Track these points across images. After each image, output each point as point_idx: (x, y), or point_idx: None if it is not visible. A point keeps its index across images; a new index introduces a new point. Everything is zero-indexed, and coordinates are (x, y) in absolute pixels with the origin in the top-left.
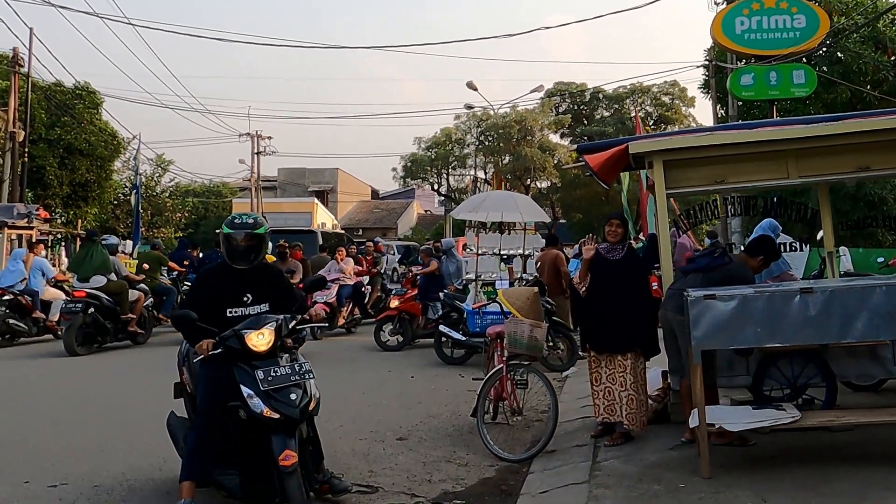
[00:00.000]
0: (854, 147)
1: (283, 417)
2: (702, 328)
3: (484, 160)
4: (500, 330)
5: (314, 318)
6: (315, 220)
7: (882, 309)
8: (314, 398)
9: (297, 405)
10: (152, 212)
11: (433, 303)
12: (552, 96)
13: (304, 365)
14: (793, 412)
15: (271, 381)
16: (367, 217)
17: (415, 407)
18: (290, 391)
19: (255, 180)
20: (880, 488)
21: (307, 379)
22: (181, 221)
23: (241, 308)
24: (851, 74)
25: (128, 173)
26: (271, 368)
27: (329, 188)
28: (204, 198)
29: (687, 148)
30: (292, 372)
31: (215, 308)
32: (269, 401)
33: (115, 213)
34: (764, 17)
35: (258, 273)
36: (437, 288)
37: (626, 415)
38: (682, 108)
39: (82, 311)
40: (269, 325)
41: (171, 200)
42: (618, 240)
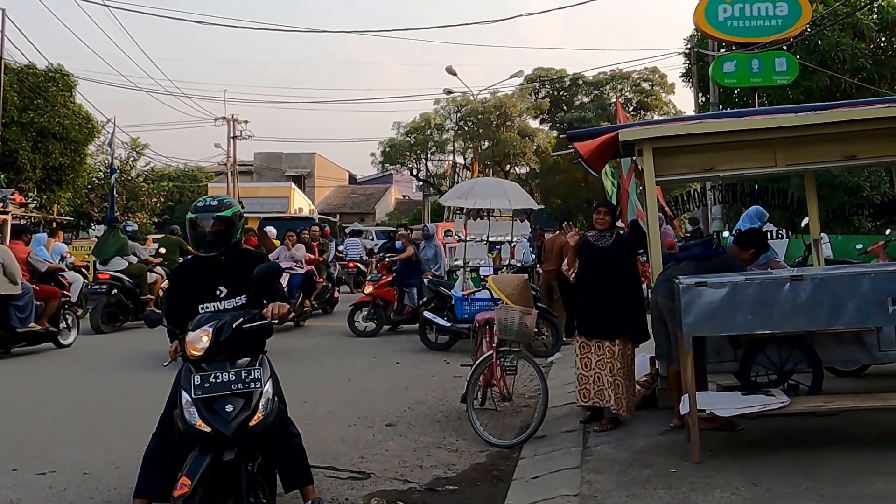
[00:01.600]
0: (841, 136)
1: (213, 432)
2: (693, 315)
3: (463, 145)
4: (489, 317)
5: (273, 315)
6: (292, 205)
7: (870, 296)
8: (262, 413)
9: (230, 419)
10: (127, 196)
11: (409, 289)
12: (532, 82)
13: (254, 371)
14: (781, 397)
15: (207, 389)
16: (345, 202)
17: (402, 393)
18: (228, 402)
19: (230, 165)
20: (867, 472)
21: (254, 388)
22: (157, 206)
23: (215, 302)
24: (830, 62)
25: (102, 157)
26: (212, 374)
27: (306, 173)
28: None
29: (676, 136)
30: (236, 379)
31: (190, 303)
32: (205, 411)
33: (90, 198)
34: (747, 4)
35: (234, 262)
36: (415, 274)
37: (613, 399)
38: (661, 95)
39: (106, 292)
40: (206, 327)
41: (147, 185)
42: (606, 227)
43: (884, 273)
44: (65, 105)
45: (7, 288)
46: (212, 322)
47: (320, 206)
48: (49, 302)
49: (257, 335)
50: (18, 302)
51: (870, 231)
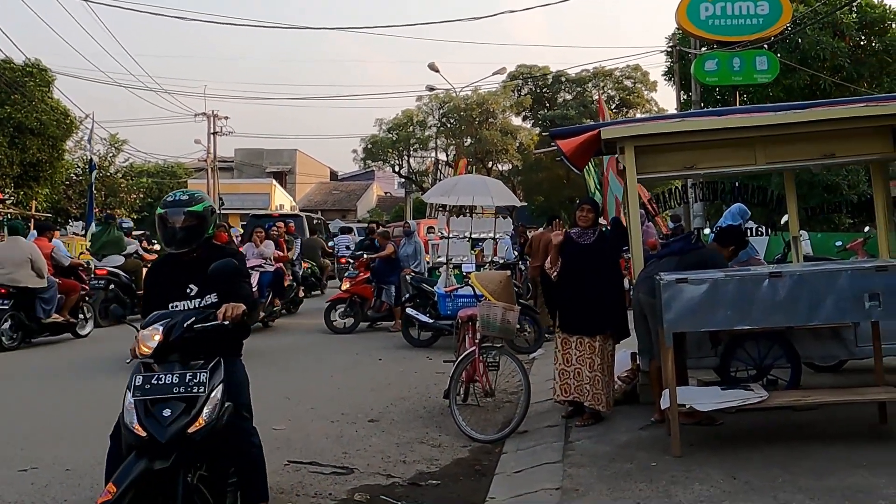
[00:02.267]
0: (820, 135)
1: (148, 437)
2: (674, 311)
3: (446, 142)
4: (471, 313)
5: (226, 316)
6: (273, 202)
7: (847, 293)
8: (204, 420)
9: (166, 424)
10: (106, 192)
11: (388, 286)
12: (515, 79)
13: (200, 375)
14: (760, 392)
15: (147, 390)
16: (326, 199)
17: (384, 389)
18: (167, 406)
19: (211, 161)
20: (845, 465)
21: (197, 393)
22: (136, 202)
23: (185, 301)
24: (810, 60)
25: (80, 153)
26: (154, 375)
27: (287, 169)
28: (158, 178)
29: (658, 134)
30: (179, 382)
31: (163, 302)
32: (143, 414)
33: (67, 194)
34: (728, 3)
35: (206, 259)
36: (393, 271)
37: (592, 395)
38: (644, 93)
39: (104, 287)
40: (158, 324)
41: (126, 181)
42: (589, 224)
43: (860, 270)
44: (42, 100)
45: (34, 281)
46: (163, 321)
47: (301, 202)
48: (70, 295)
49: (223, 336)
50: (44, 294)
51: (848, 228)
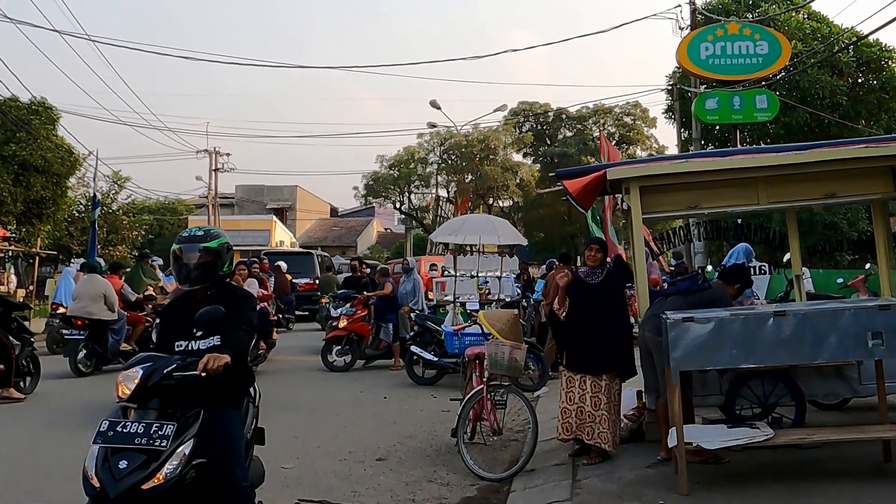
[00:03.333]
0: (821, 174)
1: (100, 489)
2: (680, 349)
3: (447, 179)
4: (478, 351)
5: (207, 367)
6: (273, 238)
7: (850, 331)
8: (163, 476)
9: (118, 477)
10: (108, 229)
11: (386, 324)
12: (516, 116)
13: (166, 427)
14: (766, 430)
15: (110, 438)
16: (326, 235)
17: (390, 427)
18: (123, 457)
19: (212, 197)
20: (851, 502)
21: (160, 446)
22: (137, 239)
23: (190, 341)
24: (809, 98)
25: (82, 190)
26: (121, 422)
27: (288, 206)
28: (159, 215)
29: (663, 175)
30: (143, 432)
31: (168, 341)
32: (101, 462)
33: (69, 231)
34: (728, 42)
35: (216, 298)
36: (392, 309)
37: (598, 433)
38: (644, 129)
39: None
40: (138, 368)
41: (128, 218)
42: (597, 264)
43: (863, 309)
44: (47, 138)
45: (107, 314)
46: (145, 364)
47: (301, 238)
48: (136, 326)
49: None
50: (114, 326)
51: (849, 265)
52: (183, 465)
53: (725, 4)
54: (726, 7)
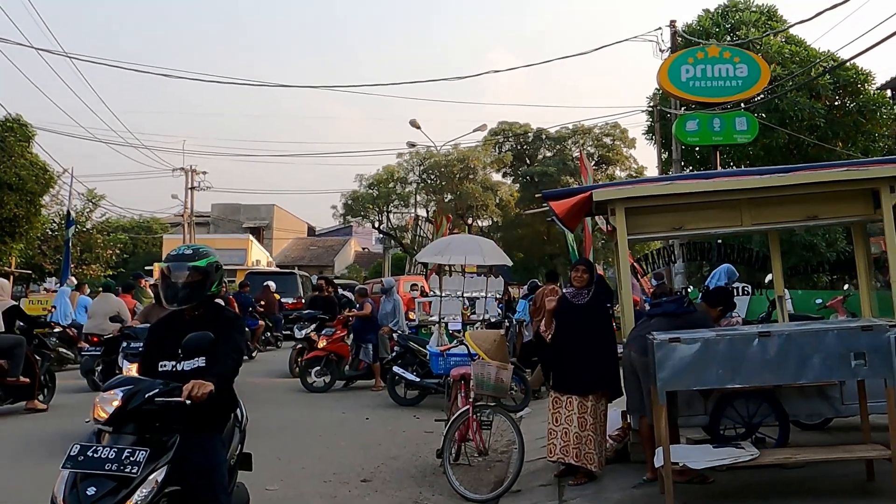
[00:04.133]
0: (804, 197)
1: None
2: (667, 370)
3: (426, 198)
4: (464, 372)
5: (191, 394)
6: (249, 258)
7: (834, 351)
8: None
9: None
10: (82, 248)
11: (366, 344)
12: (495, 136)
13: (139, 453)
14: (751, 450)
15: (79, 462)
16: (304, 254)
17: (374, 448)
18: (93, 483)
19: (188, 216)
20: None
21: (130, 473)
22: (112, 258)
23: (174, 362)
24: (788, 120)
25: (56, 208)
26: (93, 446)
27: (264, 225)
28: (133, 233)
29: (648, 196)
30: (115, 458)
31: (152, 360)
32: (69, 488)
33: (42, 249)
34: (708, 65)
35: (203, 319)
36: (371, 329)
37: (584, 454)
38: (623, 150)
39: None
40: (119, 390)
41: (102, 237)
42: (583, 284)
43: (846, 329)
44: (22, 155)
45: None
46: (126, 387)
47: (278, 258)
48: None
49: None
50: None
51: (826, 286)
52: (155, 493)
53: (706, 27)
54: (706, 30)
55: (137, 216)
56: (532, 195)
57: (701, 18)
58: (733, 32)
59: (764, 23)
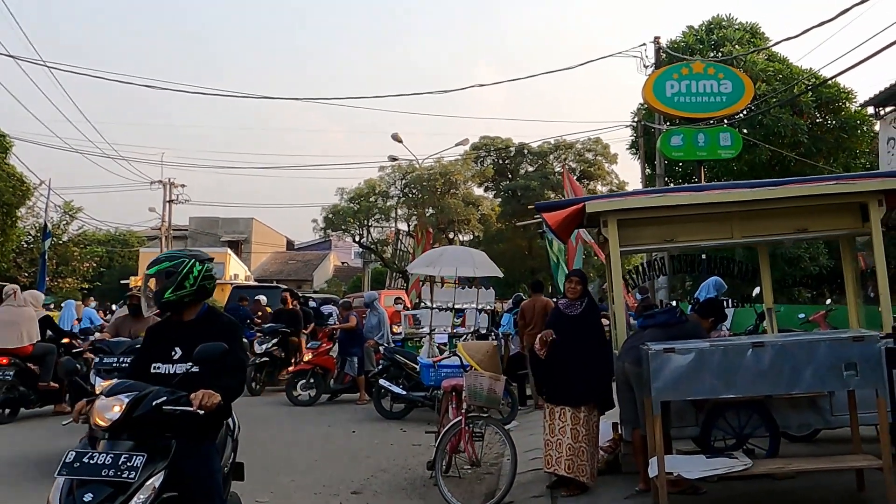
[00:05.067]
0: (793, 210)
1: None
2: (661, 380)
3: (407, 212)
4: (455, 383)
5: (202, 403)
6: (227, 272)
7: (826, 362)
8: None
9: None
10: (58, 261)
11: (351, 357)
12: (477, 150)
13: (136, 458)
14: (745, 460)
15: (75, 469)
16: (282, 268)
17: (363, 461)
18: (89, 489)
19: (165, 229)
20: None
21: (128, 478)
22: (88, 271)
23: (167, 365)
24: (772, 137)
25: (32, 220)
26: (88, 452)
27: (243, 238)
28: (109, 246)
29: (640, 208)
30: (111, 464)
31: (145, 362)
32: (65, 496)
33: (17, 262)
34: (693, 81)
35: (196, 323)
36: (356, 342)
37: (576, 466)
38: (605, 165)
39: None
40: (123, 395)
41: (79, 249)
42: (577, 296)
43: (838, 340)
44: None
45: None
46: (130, 392)
47: (256, 272)
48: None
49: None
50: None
51: (808, 301)
52: (153, 499)
53: (690, 44)
54: (691, 46)
55: (114, 229)
56: (514, 209)
57: (685, 34)
58: (717, 49)
59: (747, 40)
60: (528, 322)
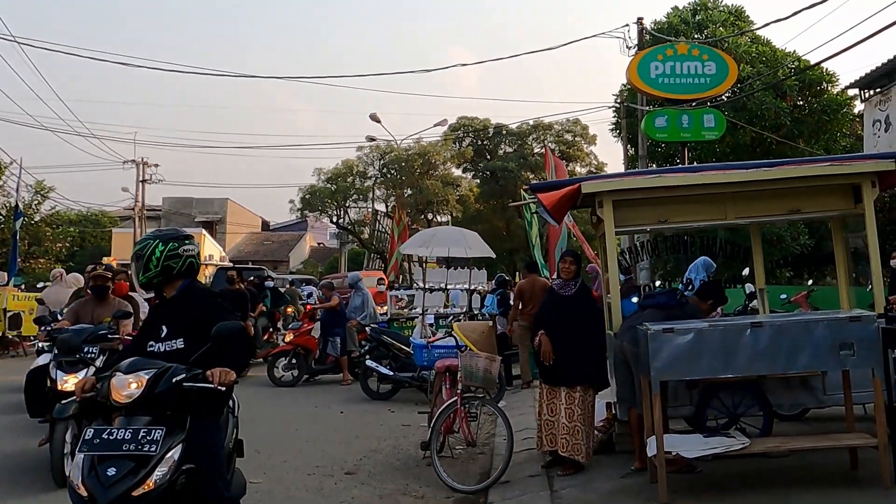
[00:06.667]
0: (787, 191)
1: (88, 498)
2: (661, 360)
3: (385, 193)
4: (449, 364)
5: (220, 381)
6: (202, 253)
7: (823, 342)
8: (153, 483)
9: (108, 484)
10: (30, 241)
11: (333, 338)
12: (456, 130)
13: (155, 432)
14: (742, 439)
15: (96, 445)
16: (257, 249)
17: (353, 442)
18: (112, 464)
19: (138, 209)
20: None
21: (149, 452)
22: (61, 251)
23: (158, 343)
24: (754, 119)
25: (2, 200)
26: (106, 429)
27: (217, 219)
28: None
29: (636, 189)
30: (131, 438)
31: (142, 343)
32: (88, 471)
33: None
34: (677, 62)
35: (176, 300)
36: (339, 323)
37: (572, 445)
38: (583, 146)
39: None
40: (143, 373)
41: (51, 230)
42: (571, 276)
43: (835, 320)
44: None
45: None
46: (147, 369)
47: (231, 253)
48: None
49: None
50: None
51: (786, 282)
52: (172, 471)
53: (674, 25)
54: (675, 27)
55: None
56: (492, 190)
57: (669, 15)
58: (701, 31)
59: (731, 22)
60: (525, 302)
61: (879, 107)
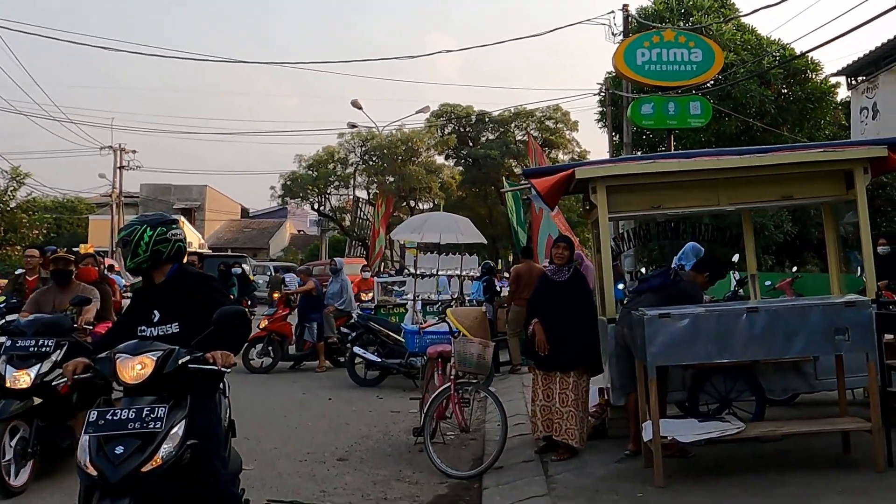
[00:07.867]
0: (780, 177)
1: (99, 477)
2: (657, 345)
3: (367, 180)
4: (441, 350)
5: (223, 363)
6: None
7: (818, 327)
8: (161, 459)
9: (117, 462)
10: (5, 228)
11: (310, 323)
12: (438, 118)
13: (158, 409)
14: (737, 423)
15: (101, 426)
16: (237, 237)
17: (343, 428)
18: (119, 443)
19: (116, 196)
20: (823, 492)
21: (155, 429)
22: (38, 238)
23: (151, 328)
24: (740, 107)
25: None
26: (110, 410)
27: (196, 206)
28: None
29: (629, 174)
30: (136, 417)
31: (130, 325)
32: (95, 451)
33: None
34: (664, 49)
35: (167, 284)
36: (316, 309)
37: (565, 430)
38: (566, 133)
39: None
40: (150, 354)
41: (28, 216)
42: (564, 262)
43: (831, 305)
44: None
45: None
46: (153, 351)
47: (210, 240)
48: None
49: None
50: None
51: (769, 269)
52: (178, 447)
53: (659, 11)
54: (660, 14)
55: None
56: (474, 177)
57: (655, 2)
58: (686, 18)
59: (717, 10)
60: (521, 287)
61: (866, 94)
